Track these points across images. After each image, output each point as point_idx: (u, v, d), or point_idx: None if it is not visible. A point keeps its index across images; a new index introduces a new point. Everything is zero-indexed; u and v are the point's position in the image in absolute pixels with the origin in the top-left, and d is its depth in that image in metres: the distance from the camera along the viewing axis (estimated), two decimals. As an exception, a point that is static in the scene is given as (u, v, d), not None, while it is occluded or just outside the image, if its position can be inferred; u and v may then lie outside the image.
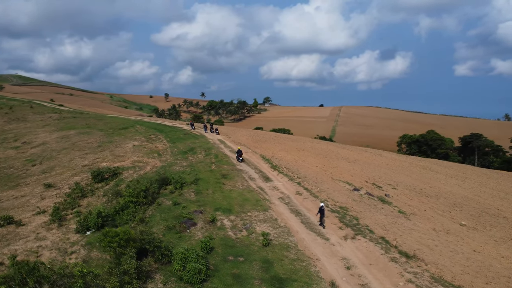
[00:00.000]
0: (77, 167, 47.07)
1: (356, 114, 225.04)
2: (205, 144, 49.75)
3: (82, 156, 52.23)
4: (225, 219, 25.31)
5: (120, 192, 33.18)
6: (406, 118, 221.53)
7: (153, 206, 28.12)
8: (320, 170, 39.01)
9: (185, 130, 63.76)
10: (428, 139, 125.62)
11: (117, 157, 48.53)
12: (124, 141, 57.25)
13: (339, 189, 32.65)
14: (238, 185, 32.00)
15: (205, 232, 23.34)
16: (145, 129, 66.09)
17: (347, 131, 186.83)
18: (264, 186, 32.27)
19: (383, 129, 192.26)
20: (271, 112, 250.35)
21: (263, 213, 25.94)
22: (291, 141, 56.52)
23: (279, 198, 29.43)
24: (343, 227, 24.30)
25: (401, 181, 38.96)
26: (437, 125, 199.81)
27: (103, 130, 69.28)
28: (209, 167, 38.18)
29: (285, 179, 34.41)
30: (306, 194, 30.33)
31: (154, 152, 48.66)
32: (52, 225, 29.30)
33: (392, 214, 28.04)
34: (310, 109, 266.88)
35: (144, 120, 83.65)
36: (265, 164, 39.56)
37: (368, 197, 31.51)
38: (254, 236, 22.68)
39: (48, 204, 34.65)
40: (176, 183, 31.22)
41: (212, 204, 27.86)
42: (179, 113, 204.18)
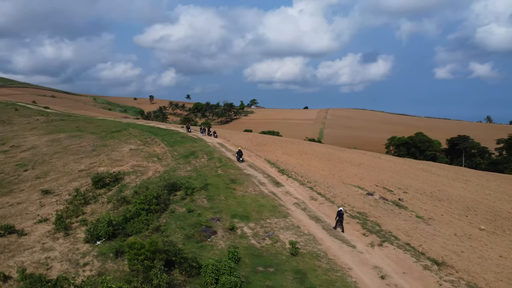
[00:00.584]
0: (73, 172, 45.36)
1: (343, 116, 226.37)
2: (206, 147, 48.69)
3: (76, 160, 50.47)
4: (244, 226, 24.40)
5: (126, 199, 31.93)
6: (392, 120, 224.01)
7: (165, 213, 26.99)
8: (328, 174, 38.44)
9: (181, 133, 62.52)
10: (416, 141, 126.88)
11: (114, 161, 47.01)
12: (119, 145, 55.67)
13: (352, 194, 32.09)
14: (249, 191, 31.13)
15: (226, 241, 22.39)
16: (139, 132, 64.54)
17: (335, 133, 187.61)
18: (276, 191, 31.46)
19: (370, 131, 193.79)
20: (257, 115, 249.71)
21: (283, 220, 25.13)
22: (291, 144, 55.88)
23: (294, 204, 28.66)
24: (367, 234, 23.67)
25: (409, 184, 38.71)
26: (422, 127, 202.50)
27: (95, 133, 67.36)
28: (215, 171, 37.19)
29: (296, 184, 33.67)
30: (321, 199, 29.64)
31: (153, 156, 47.32)
32: (57, 234, 27.83)
33: (411, 219, 27.61)
34: (297, 112, 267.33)
35: (136, 122, 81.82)
36: (272, 168, 38.77)
37: (383, 202, 31.04)
38: (280, 244, 21.84)
39: (49, 211, 33.04)
40: (187, 189, 30.15)
41: (227, 210, 26.91)
42: (165, 115, 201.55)
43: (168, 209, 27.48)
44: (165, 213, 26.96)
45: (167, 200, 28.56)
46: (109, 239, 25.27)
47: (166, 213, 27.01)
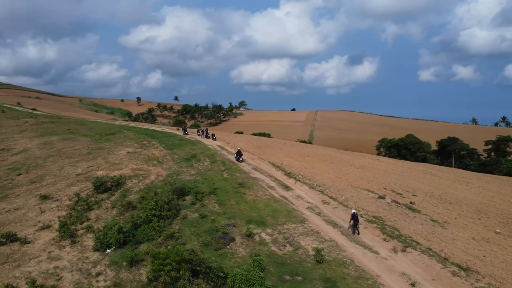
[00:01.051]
0: (70, 176, 43.97)
1: (332, 118, 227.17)
2: (206, 150, 47.80)
3: (72, 164, 49.03)
4: (261, 232, 23.69)
5: (132, 204, 30.93)
6: (380, 122, 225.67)
7: (177, 219, 26.09)
8: (335, 177, 37.96)
9: (178, 135, 61.45)
10: (407, 142, 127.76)
11: (113, 165, 45.78)
12: (115, 148, 54.36)
13: (364, 198, 31.64)
14: (260, 195, 30.43)
15: (246, 248, 21.65)
16: (134, 134, 63.21)
17: (325, 135, 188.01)
18: (287, 195, 30.82)
19: (359, 133, 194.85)
20: (247, 116, 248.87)
21: (300, 225, 24.49)
22: (292, 147, 55.33)
23: (307, 208, 28.06)
24: (387, 239, 23.19)
25: (416, 187, 38.50)
26: (410, 129, 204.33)
27: (88, 136, 65.79)
28: (221, 175, 36.38)
29: (305, 188, 33.10)
30: (334, 204, 29.11)
31: (152, 159, 46.23)
32: (63, 242, 26.69)
33: (427, 223, 27.26)
34: (286, 113, 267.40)
35: (129, 125, 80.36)
36: (278, 172, 38.12)
37: (396, 205, 30.66)
38: (302, 251, 21.19)
39: (50, 218, 31.79)
40: (196, 194, 29.29)
41: (241, 216, 26.15)
42: (155, 117, 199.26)
43: (179, 215, 26.58)
44: (177, 219, 26.06)
45: (177, 205, 27.65)
46: (120, 247, 24.30)
47: (177, 219, 26.11)
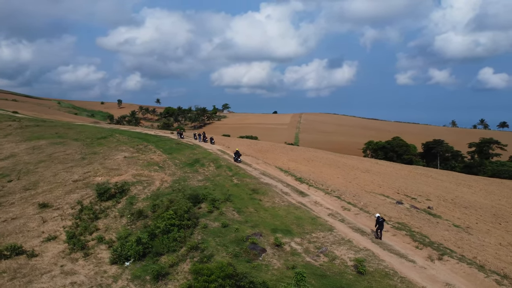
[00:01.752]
0: (67, 182, 41.99)
1: (317, 121, 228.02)
2: (208, 155, 46.50)
3: (67, 169, 46.94)
4: (291, 242, 22.69)
5: (143, 213, 29.48)
6: (364, 125, 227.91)
7: (198, 229, 24.82)
8: (345, 182, 37.32)
9: (173, 139, 59.87)
10: (394, 145, 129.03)
11: (111, 171, 43.98)
12: (110, 152, 52.41)
13: (382, 203, 31.04)
14: (277, 201, 29.44)
15: (280, 259, 20.60)
16: (127, 138, 61.25)
17: (310, 138, 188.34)
18: (304, 201, 29.92)
19: (344, 135, 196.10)
20: (231, 119, 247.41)
21: (329, 233, 23.61)
22: (291, 151, 54.56)
23: (329, 215, 27.22)
24: (420, 246, 22.55)
25: (427, 191, 38.24)
26: (393, 132, 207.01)
27: (79, 140, 63.45)
28: (231, 181, 35.22)
29: (320, 193, 32.29)
30: (354, 210, 28.39)
31: (152, 165, 44.63)
32: (74, 255, 25.04)
33: (451, 229, 26.82)
34: (270, 116, 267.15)
35: (119, 128, 78.05)
36: (288, 177, 37.22)
37: (415, 211, 30.17)
38: (339, 262, 20.28)
39: (55, 228, 29.98)
40: (213, 201, 28.05)
41: (264, 224, 25.09)
42: (138, 120, 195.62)
43: (199, 224, 25.31)
44: (197, 229, 24.79)
45: (195, 214, 26.37)
46: (139, 259, 22.89)
47: (198, 228, 24.85)
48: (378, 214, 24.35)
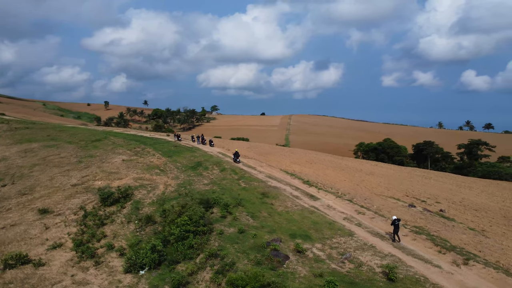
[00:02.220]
0: (65, 187, 40.70)
1: (306, 122, 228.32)
2: (210, 157, 45.65)
3: (63, 173, 45.58)
4: (312, 248, 22.09)
5: (152, 218, 28.55)
6: (353, 126, 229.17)
7: (213, 235, 24.03)
8: (353, 185, 36.93)
9: (170, 141, 58.89)
10: (385, 147, 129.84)
11: (110, 174, 42.82)
12: (107, 155, 51.14)
13: (394, 206, 30.69)
14: (289, 205, 28.83)
15: (305, 267, 19.96)
16: (123, 141, 59.99)
17: (300, 139, 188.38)
18: (316, 205, 29.37)
19: (334, 137, 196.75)
20: (220, 121, 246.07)
21: (349, 238, 23.08)
22: (292, 153, 54.05)
23: (344, 219, 26.72)
24: (443, 251, 22.17)
25: (434, 193, 38.07)
26: (383, 133, 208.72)
27: (73, 143, 61.92)
28: (238, 184, 34.47)
29: (331, 197, 31.78)
30: (369, 214, 27.95)
31: (153, 168, 43.61)
32: (84, 263, 23.98)
33: (467, 232, 26.58)
34: (260, 118, 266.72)
35: (113, 131, 76.52)
36: (295, 180, 36.66)
37: (429, 214, 29.87)
38: (366, 268, 19.74)
39: (59, 235, 28.82)
40: (226, 206, 27.29)
41: (281, 229, 24.44)
42: (127, 122, 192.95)
43: (213, 230, 24.52)
44: (213, 235, 24.00)
45: (209, 219, 25.59)
46: (155, 268, 22.00)
47: (213, 234, 24.06)
48: (395, 217, 24.00)
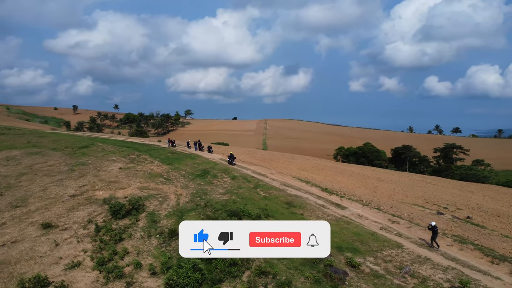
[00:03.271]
0: (62, 198, 37.84)
1: (282, 127, 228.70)
2: (214, 165, 43.89)
3: (56, 183, 42.53)
4: (365, 261, 20.91)
5: (176, 231, 26.53)
6: (328, 131, 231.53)
7: (254, 250, 22.39)
8: (371, 192, 36.20)
9: (165, 148, 56.58)
10: (366, 151, 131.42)
11: (110, 183, 40.27)
12: (101, 163, 48.29)
13: (423, 214, 30.08)
14: (320, 215, 27.62)
15: (368, 283, 18.73)
16: (113, 147, 57.12)
17: (278, 144, 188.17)
18: (346, 214, 28.32)
19: (311, 141, 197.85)
20: (195, 125, 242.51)
21: (399, 250, 22.08)
22: (293, 159, 52.97)
23: (381, 229, 25.77)
24: (495, 261, 21.54)
25: (449, 199, 37.89)
26: (357, 137, 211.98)
27: (58, 150, 58.43)
28: (257, 193, 32.94)
29: (356, 205, 30.84)
30: (403, 222, 27.15)
31: (156, 176, 41.39)
32: (113, 285, 21.74)
33: (505, 239, 26.20)
34: (235, 122, 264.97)
35: (98, 136, 72.99)
36: (312, 187, 35.53)
37: (460, 221, 29.43)
38: (433, 283, 18.73)
39: (73, 252, 26.29)
40: (258, 218, 25.71)
41: (324, 242, 23.14)
42: (100, 127, 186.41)
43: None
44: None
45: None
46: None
47: (254, 249, 22.42)
48: (434, 223, 23.52)
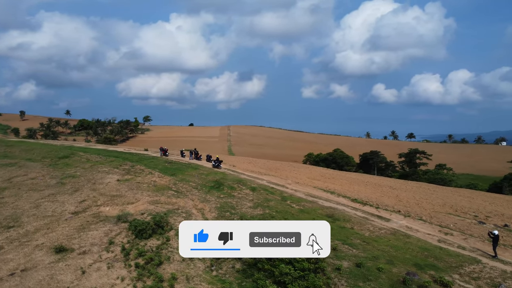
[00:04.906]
0: (61, 215, 33.96)
1: (245, 133, 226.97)
2: (223, 175, 41.39)
3: (48, 198, 38.32)
4: (453, 280, 19.63)
5: (224, 253, 23.94)
6: (291, 137, 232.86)
7: (329, 271, 20.44)
8: (397, 201, 35.39)
9: (156, 157, 53.12)
10: (336, 157, 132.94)
11: (114, 198, 36.79)
12: (93, 175, 44.29)
13: (465, 224, 29.48)
14: (372, 229, 26.18)
15: (473, 305, 17.42)
16: (99, 157, 52.90)
17: (243, 150, 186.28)
18: (395, 226, 27.09)
19: (275, 148, 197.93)
20: (155, 132, 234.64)
21: (481, 266, 21.04)
22: (297, 168, 51.52)
23: (439, 241, 24.75)
24: None
25: (468, 206, 37.90)
26: (321, 144, 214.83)
27: (34, 161, 53.30)
28: (290, 206, 30.95)
29: (397, 216, 29.76)
30: (457, 234, 26.33)
31: (163, 189, 38.35)
32: (177, 320, 18.87)
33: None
34: (197, 129, 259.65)
35: (74, 145, 67.52)
36: (340, 198, 34.13)
37: (504, 230, 29.12)
38: (539, 302, 17.77)
39: (107, 280, 22.92)
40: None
41: (397, 259, 21.67)
42: (56, 134, 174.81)
43: (322, 264, 20.93)
44: (327, 272, 20.42)
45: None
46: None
47: (328, 271, 20.48)
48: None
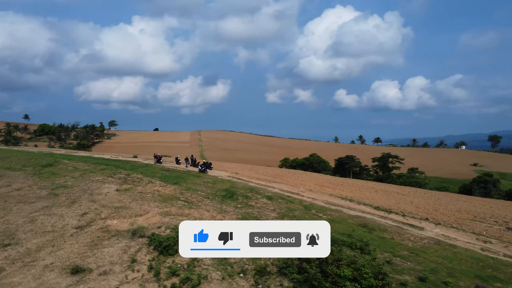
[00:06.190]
0: (66, 230, 31.03)
1: (217, 138, 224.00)
2: (232, 183, 39.61)
3: (43, 211, 35.16)
4: (523, 293, 18.97)
5: (267, 269, 22.21)
6: (263, 141, 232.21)
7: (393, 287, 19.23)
8: (415, 207, 34.88)
9: (151, 164, 50.50)
10: (313, 162, 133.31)
11: (119, 210, 34.14)
12: (87, 184, 41.31)
13: (494, 230, 29.26)
14: (413, 239, 25.30)
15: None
16: (88, 165, 49.77)
17: (215, 156, 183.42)
18: (432, 235, 26.39)
19: (247, 152, 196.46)
20: (122, 137, 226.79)
21: (540, 276, 20.55)
22: (298, 175, 50.31)
23: (483, 250, 24.24)
24: None
25: (477, 211, 38.02)
26: (293, 148, 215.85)
27: (15, 169, 49.43)
28: (317, 216, 29.59)
29: (428, 224, 29.15)
30: (495, 242, 25.99)
31: (171, 199, 36.10)
32: None
33: None
34: (166, 134, 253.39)
35: (52, 152, 63.12)
36: (361, 206, 33.20)
37: (533, 236, 29.14)
38: None
39: (143, 306, 20.51)
40: (361, 249, 22.55)
41: (455, 271, 20.78)
42: (18, 139, 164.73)
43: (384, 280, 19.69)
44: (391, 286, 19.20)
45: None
46: None
47: (393, 287, 19.26)
48: None
